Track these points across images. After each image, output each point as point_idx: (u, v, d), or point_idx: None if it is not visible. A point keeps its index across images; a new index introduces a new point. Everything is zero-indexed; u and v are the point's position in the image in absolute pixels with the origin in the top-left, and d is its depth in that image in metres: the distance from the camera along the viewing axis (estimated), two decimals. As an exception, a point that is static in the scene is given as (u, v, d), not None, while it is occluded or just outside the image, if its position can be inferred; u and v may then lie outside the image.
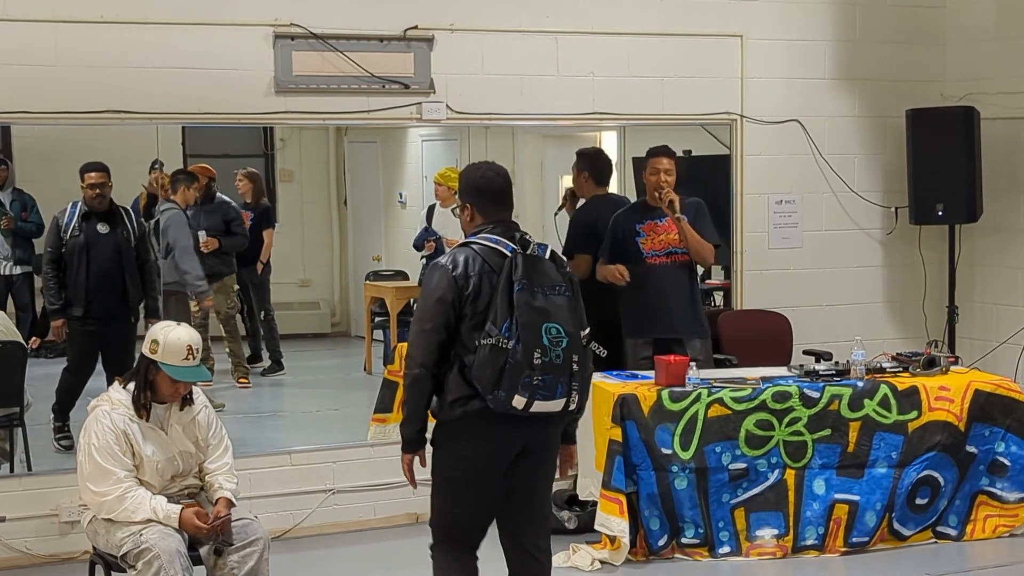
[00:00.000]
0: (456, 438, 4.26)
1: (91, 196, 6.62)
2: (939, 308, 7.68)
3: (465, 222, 4.42)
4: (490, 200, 4.37)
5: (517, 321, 4.08)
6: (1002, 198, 7.48)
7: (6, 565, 5.88)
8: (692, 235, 6.35)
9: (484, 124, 7.11)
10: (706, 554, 5.93)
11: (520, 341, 4.06)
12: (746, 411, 5.92)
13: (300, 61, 6.34)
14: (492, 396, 4.10)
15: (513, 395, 4.08)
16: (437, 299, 4.17)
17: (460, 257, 4.22)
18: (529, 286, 4.13)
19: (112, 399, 4.71)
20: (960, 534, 6.16)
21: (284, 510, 6.29)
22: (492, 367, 4.08)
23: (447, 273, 4.18)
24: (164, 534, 4.49)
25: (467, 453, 4.25)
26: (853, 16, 7.54)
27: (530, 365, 4.06)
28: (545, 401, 4.12)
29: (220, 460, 4.86)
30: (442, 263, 4.23)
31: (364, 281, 9.31)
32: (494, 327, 4.09)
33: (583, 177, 6.92)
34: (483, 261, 4.20)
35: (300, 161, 9.36)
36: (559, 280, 4.24)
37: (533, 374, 4.07)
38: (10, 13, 5.87)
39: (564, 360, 4.14)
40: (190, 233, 7.59)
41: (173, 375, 4.64)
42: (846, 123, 7.58)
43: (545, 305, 4.15)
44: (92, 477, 4.59)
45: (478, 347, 4.11)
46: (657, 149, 6.50)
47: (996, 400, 6.16)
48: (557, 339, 4.13)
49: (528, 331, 4.08)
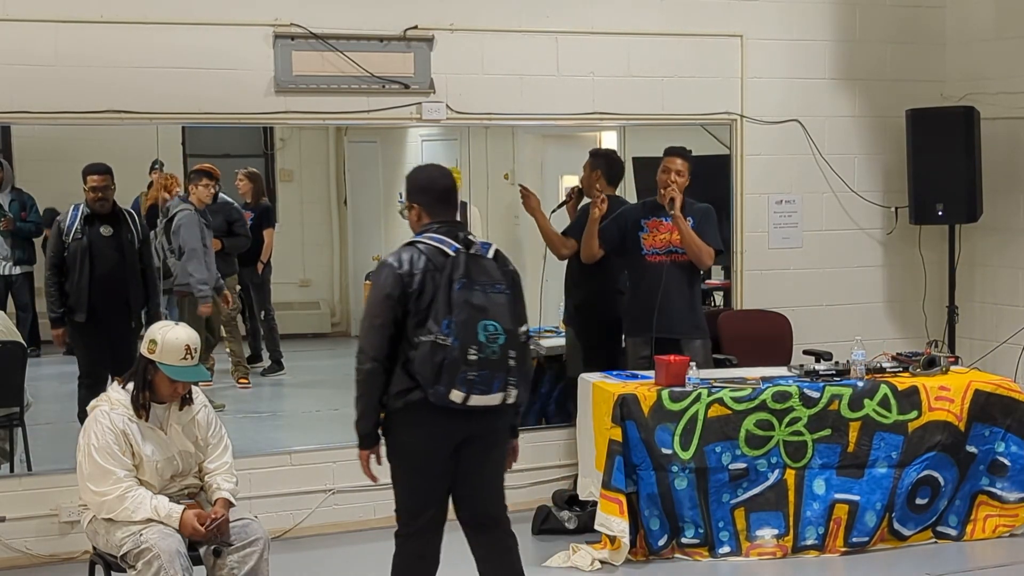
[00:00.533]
0: (400, 427, 4.46)
1: (93, 199, 6.53)
2: (939, 308, 7.68)
3: (413, 221, 4.62)
4: (436, 200, 4.59)
5: (458, 318, 4.28)
6: (1002, 198, 7.48)
7: (6, 565, 5.88)
8: (690, 235, 6.34)
9: (484, 124, 7.10)
10: (706, 554, 5.93)
11: (458, 338, 4.26)
12: (746, 411, 5.92)
13: (300, 61, 6.34)
14: (432, 390, 4.30)
15: (451, 389, 4.28)
16: (385, 295, 4.37)
17: (405, 256, 4.42)
18: (469, 284, 4.33)
19: (111, 399, 4.71)
20: (960, 534, 6.17)
21: (284, 510, 6.29)
22: (432, 363, 4.28)
23: (394, 271, 4.38)
24: (164, 534, 4.49)
25: (411, 441, 4.45)
26: (853, 16, 7.54)
27: (466, 361, 4.26)
28: (482, 395, 4.32)
29: (220, 459, 4.86)
30: (389, 261, 4.43)
31: (364, 281, 9.30)
32: (435, 324, 4.29)
33: (596, 175, 6.92)
34: (427, 259, 4.39)
35: (300, 161, 9.34)
36: (500, 278, 4.45)
37: (469, 370, 4.27)
38: (10, 13, 5.87)
39: (501, 356, 4.33)
40: (200, 235, 7.57)
41: (171, 375, 4.64)
42: (846, 123, 7.58)
43: (484, 303, 4.34)
44: (92, 477, 4.59)
45: (419, 343, 4.31)
46: (673, 149, 6.51)
47: (996, 400, 6.16)
48: (494, 336, 4.32)
49: (465, 328, 4.28)
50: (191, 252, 7.48)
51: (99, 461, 4.57)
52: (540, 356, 7.36)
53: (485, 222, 7.97)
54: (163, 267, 7.22)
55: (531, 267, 8.28)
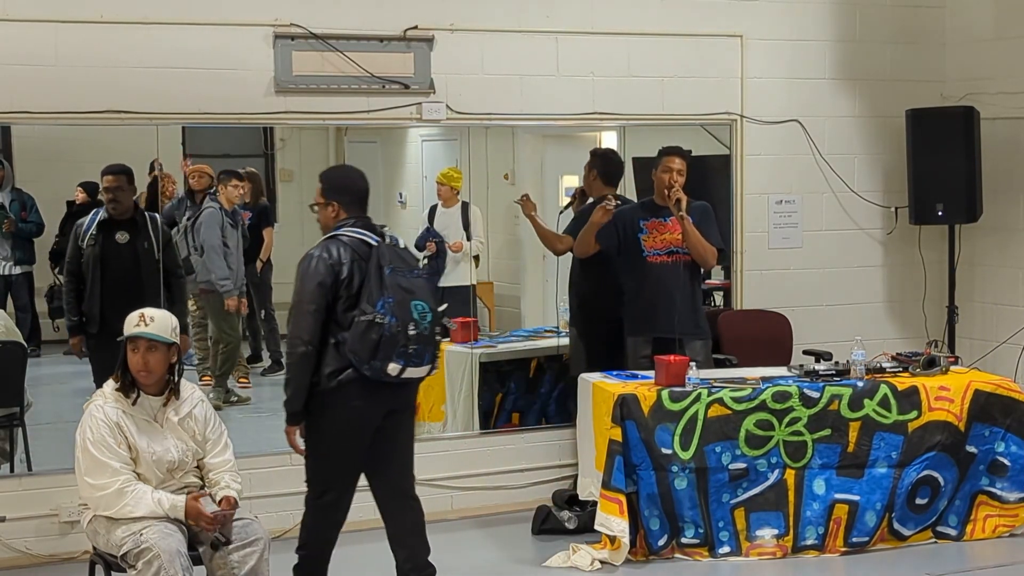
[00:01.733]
0: (333, 406, 4.84)
1: (107, 201, 6.32)
2: (939, 308, 7.68)
3: (329, 218, 5.01)
4: (355, 200, 5.03)
5: (392, 299, 4.73)
6: (1002, 198, 7.48)
7: (6, 565, 5.88)
8: (695, 235, 6.34)
9: (484, 124, 7.10)
10: (706, 554, 5.93)
11: (396, 316, 4.72)
12: (746, 411, 5.92)
13: (300, 61, 6.34)
14: (368, 365, 4.74)
15: (388, 363, 4.73)
16: (318, 284, 4.78)
17: (332, 248, 4.84)
18: (396, 270, 4.81)
19: (105, 393, 4.74)
20: (960, 534, 6.17)
21: (284, 510, 6.28)
22: (368, 340, 4.71)
23: (324, 261, 4.80)
24: (164, 534, 4.48)
25: (343, 417, 4.86)
26: (853, 16, 7.54)
27: (406, 337, 4.73)
28: (416, 368, 4.81)
29: (221, 456, 4.86)
30: (317, 253, 4.82)
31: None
32: (369, 305, 4.73)
33: (592, 175, 6.92)
34: (352, 250, 4.83)
35: (300, 161, 9.32)
36: (416, 265, 5.02)
37: (408, 344, 4.74)
38: (10, 13, 5.87)
39: (430, 332, 4.84)
40: (220, 233, 7.58)
41: (128, 336, 4.69)
42: (846, 123, 7.58)
43: (411, 286, 4.82)
44: (89, 471, 4.60)
45: (353, 324, 4.73)
46: (670, 148, 6.51)
47: (996, 400, 6.16)
48: (424, 314, 4.81)
49: (401, 308, 4.75)
50: (211, 248, 7.51)
51: (95, 454, 4.58)
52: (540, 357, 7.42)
53: (485, 222, 7.97)
54: (185, 264, 7.19)
55: (531, 267, 8.30)
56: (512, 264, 8.49)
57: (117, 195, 6.37)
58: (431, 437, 7.15)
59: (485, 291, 8.28)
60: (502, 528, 6.52)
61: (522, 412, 7.39)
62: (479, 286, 8.03)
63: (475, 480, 6.82)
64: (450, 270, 8.03)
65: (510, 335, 8.00)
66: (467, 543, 6.32)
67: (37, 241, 7.28)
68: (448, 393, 7.35)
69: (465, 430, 7.21)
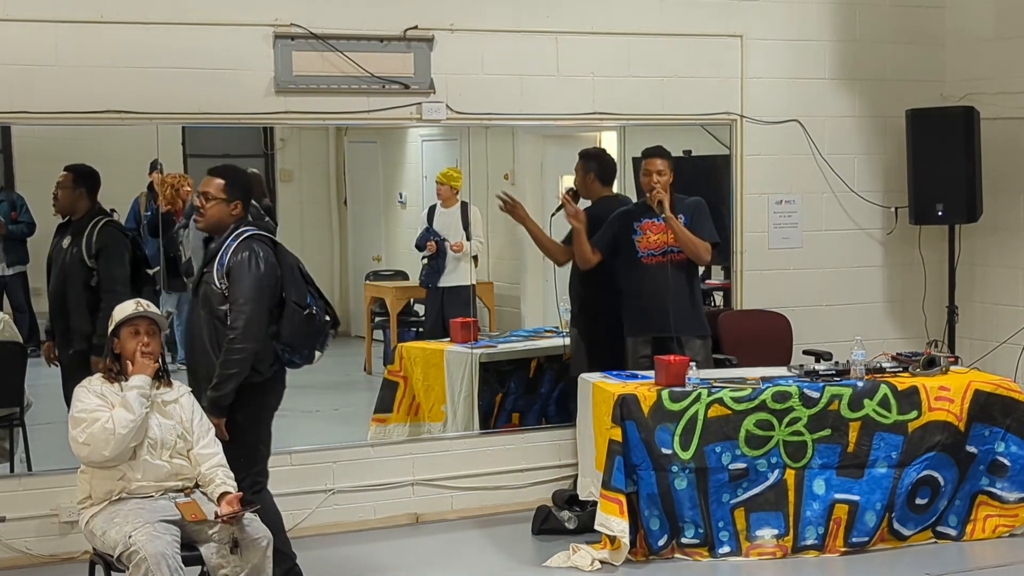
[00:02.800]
0: (263, 393, 5.16)
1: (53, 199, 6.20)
2: (939, 308, 7.68)
3: (230, 215, 5.15)
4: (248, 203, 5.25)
5: (316, 292, 5.19)
6: (1002, 198, 7.48)
7: (6, 565, 5.88)
8: (684, 233, 6.35)
9: (484, 124, 7.09)
10: (706, 554, 5.93)
11: (322, 309, 5.18)
12: (746, 411, 5.92)
13: (300, 61, 6.34)
14: (300, 355, 5.18)
15: (315, 351, 5.22)
16: (268, 284, 5.02)
17: (260, 248, 5.06)
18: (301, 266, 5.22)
19: (91, 379, 4.86)
20: (960, 534, 6.17)
21: (284, 510, 6.23)
22: (307, 331, 5.13)
23: (267, 260, 5.04)
24: (153, 536, 4.48)
25: (271, 403, 5.25)
26: (853, 16, 7.54)
27: (331, 326, 5.24)
28: (321, 352, 5.28)
29: (210, 448, 4.89)
30: (258, 252, 5.03)
31: (364, 281, 9.30)
32: (300, 299, 5.10)
33: (590, 178, 6.91)
34: (271, 249, 5.11)
35: (300, 161, 9.33)
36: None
37: (330, 332, 5.26)
38: (10, 13, 5.87)
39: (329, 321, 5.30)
40: None
41: (126, 322, 4.77)
42: (846, 123, 7.58)
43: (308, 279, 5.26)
44: (75, 424, 4.67)
45: (290, 317, 5.07)
46: (650, 150, 6.51)
47: (996, 400, 6.16)
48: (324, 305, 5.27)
49: (320, 299, 5.22)
50: None
51: (82, 416, 4.67)
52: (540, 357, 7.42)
53: (485, 222, 7.97)
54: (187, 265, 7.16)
55: (531, 267, 8.29)
56: (512, 264, 8.49)
57: (57, 192, 6.28)
58: (431, 437, 7.15)
59: (485, 291, 8.29)
60: (502, 528, 6.52)
61: (522, 412, 7.39)
62: (479, 286, 8.03)
63: (475, 480, 6.82)
64: (450, 270, 8.04)
65: (510, 335, 8.00)
66: (467, 543, 6.32)
67: (31, 240, 7.26)
68: (448, 393, 7.35)
69: (465, 430, 7.20)
